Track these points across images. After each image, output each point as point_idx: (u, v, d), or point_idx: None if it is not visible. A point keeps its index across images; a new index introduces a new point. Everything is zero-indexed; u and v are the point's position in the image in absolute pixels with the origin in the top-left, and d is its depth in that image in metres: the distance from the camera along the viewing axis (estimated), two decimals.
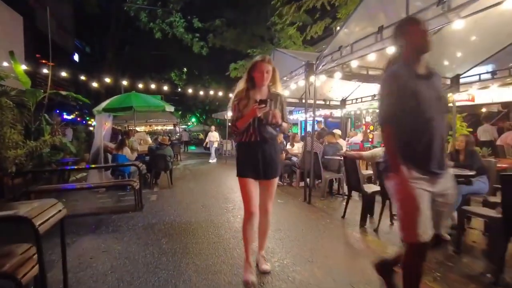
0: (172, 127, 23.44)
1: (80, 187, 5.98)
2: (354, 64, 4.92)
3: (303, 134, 12.69)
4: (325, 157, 6.41)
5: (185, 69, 25.40)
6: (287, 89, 7.88)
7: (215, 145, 13.47)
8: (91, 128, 18.27)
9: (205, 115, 33.92)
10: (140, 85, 13.45)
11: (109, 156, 7.82)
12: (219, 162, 13.45)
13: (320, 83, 8.76)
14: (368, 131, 15.43)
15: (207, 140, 14.95)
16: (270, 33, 13.38)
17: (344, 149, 7.61)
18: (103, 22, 18.98)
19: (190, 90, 15.89)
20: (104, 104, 8.05)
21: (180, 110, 36.65)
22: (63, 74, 12.34)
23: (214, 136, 13.15)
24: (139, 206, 5.51)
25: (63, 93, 8.82)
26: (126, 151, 7.51)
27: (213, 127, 14.88)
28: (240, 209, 5.24)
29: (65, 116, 19.62)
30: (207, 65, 21.52)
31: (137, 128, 22.17)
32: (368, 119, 15.68)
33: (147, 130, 22.04)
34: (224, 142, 16.91)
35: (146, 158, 8.19)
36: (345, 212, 4.68)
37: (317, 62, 5.43)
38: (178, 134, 36.69)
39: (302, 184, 7.17)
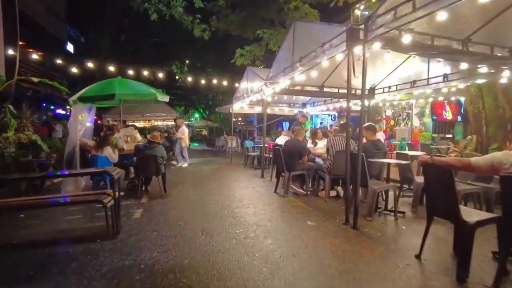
0: (173, 123, 21.69)
1: (37, 202, 4.31)
2: (442, 16, 3.16)
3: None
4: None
5: (187, 61, 23.63)
6: (307, 73, 6.16)
7: (184, 144, 10.46)
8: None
9: (209, 111, 32.26)
10: (135, 74, 11.74)
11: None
12: (223, 163, 11.77)
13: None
14: (388, 125, 13.71)
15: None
16: (281, 15, 11.60)
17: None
18: (97, 8, 17.29)
19: (189, 79, 14.25)
20: (81, 92, 6.40)
21: (183, 105, 35.05)
22: (35, 57, 10.67)
23: (184, 133, 10.39)
24: (113, 230, 3.88)
25: (34, 79, 7.18)
26: (107, 151, 5.86)
27: (181, 120, 11.99)
28: (257, 238, 3.55)
29: (58, 111, 18.12)
30: (210, 57, 19.80)
31: (136, 123, 20.70)
32: (389, 112, 13.95)
33: (147, 125, 20.43)
34: (228, 138, 15.24)
35: (134, 159, 6.55)
36: (421, 249, 2.98)
37: (368, 24, 3.70)
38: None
39: (332, 194, 5.50)
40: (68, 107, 18.20)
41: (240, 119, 27.92)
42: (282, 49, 6.70)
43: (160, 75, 12.20)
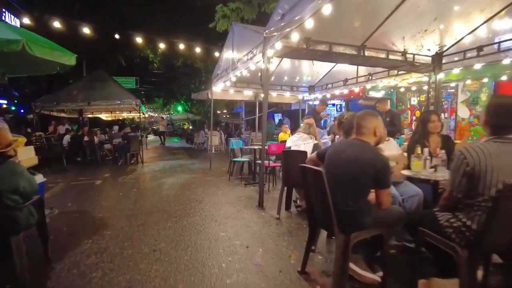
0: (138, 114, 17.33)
1: None
2: None
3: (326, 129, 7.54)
4: None
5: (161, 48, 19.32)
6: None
7: None
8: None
9: (191, 102, 28.22)
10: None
11: None
12: (200, 169, 8.13)
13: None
14: (414, 118, 10.47)
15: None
16: None
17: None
18: None
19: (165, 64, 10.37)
20: None
21: (162, 96, 30.74)
22: None
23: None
24: None
25: None
26: None
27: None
28: None
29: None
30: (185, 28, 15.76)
31: (102, 116, 16.48)
32: (414, 101, 10.63)
33: (111, 118, 16.33)
34: (208, 134, 11.53)
35: None
36: None
37: None
38: (168, 125, 30.52)
39: None
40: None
41: (225, 111, 24.07)
42: None
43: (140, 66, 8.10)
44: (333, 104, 12.96)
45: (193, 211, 4.08)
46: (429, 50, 4.81)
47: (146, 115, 23.65)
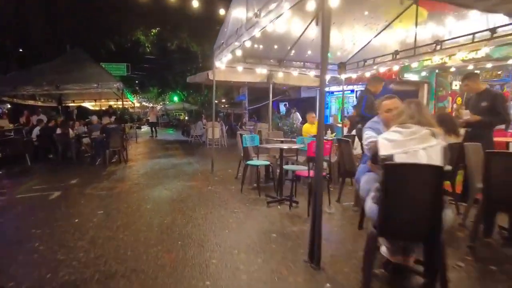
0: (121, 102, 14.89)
1: None
2: None
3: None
4: None
5: (154, 30, 16.90)
6: None
7: None
8: None
9: (187, 92, 25.98)
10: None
11: None
12: (198, 172, 6.19)
13: None
14: (455, 106, 8.60)
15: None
16: None
17: None
18: None
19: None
20: None
21: (155, 85, 28.35)
22: None
23: None
24: None
25: None
26: None
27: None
28: None
29: None
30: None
31: (88, 105, 14.32)
32: (456, 85, 8.72)
33: (97, 107, 14.14)
34: (209, 125, 9.50)
35: None
36: None
37: None
38: (163, 115, 28.39)
39: None
40: None
41: (224, 100, 21.90)
42: None
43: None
44: (352, 91, 10.95)
45: (189, 277, 2.13)
46: None
47: (138, 104, 21.48)
